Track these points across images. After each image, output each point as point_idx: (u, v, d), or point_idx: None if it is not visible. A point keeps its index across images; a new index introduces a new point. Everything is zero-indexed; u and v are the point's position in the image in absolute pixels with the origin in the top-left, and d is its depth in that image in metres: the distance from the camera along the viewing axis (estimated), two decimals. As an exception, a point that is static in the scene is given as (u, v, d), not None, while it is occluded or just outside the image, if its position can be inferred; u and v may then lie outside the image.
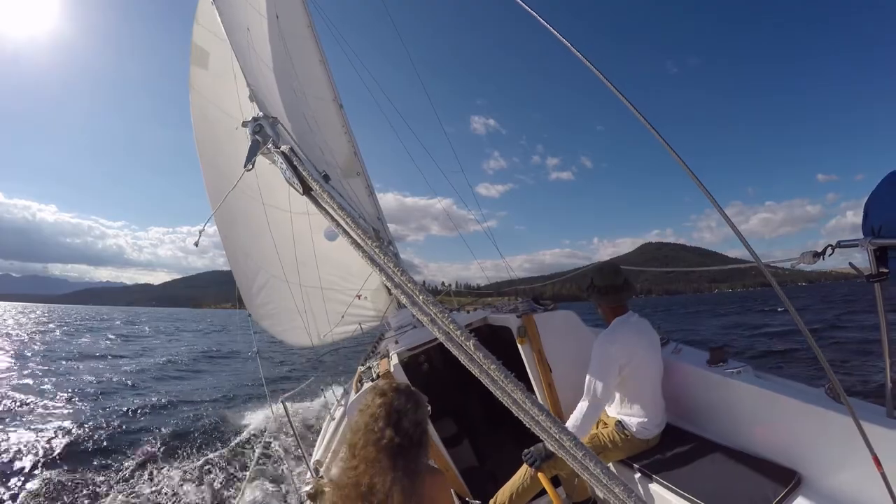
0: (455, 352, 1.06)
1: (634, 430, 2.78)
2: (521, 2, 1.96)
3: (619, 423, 2.82)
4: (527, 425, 1.02)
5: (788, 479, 2.26)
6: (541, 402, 3.38)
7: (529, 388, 3.53)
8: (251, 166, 1.29)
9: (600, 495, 0.91)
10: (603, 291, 2.88)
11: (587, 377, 2.73)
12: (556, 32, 1.82)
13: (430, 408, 1.72)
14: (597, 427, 2.93)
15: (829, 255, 1.99)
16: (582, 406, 2.70)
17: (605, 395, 2.73)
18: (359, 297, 6.72)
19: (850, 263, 1.95)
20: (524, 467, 2.77)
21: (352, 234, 1.12)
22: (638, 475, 2.69)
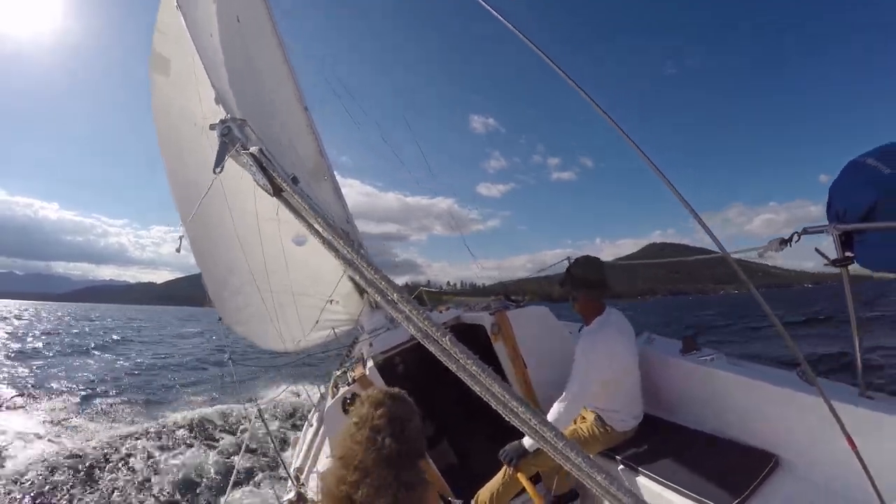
0: (432, 348, 1.07)
1: (614, 423, 2.82)
2: (506, 22, 1.97)
3: (599, 418, 2.86)
4: (506, 419, 1.03)
5: (766, 461, 2.32)
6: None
7: None
8: (220, 169, 1.26)
9: (586, 485, 0.92)
10: (590, 285, 2.87)
11: (570, 378, 2.73)
12: (538, 50, 1.84)
13: None
14: (576, 422, 2.96)
15: (796, 241, 2.07)
16: (559, 406, 2.70)
17: (584, 398, 2.76)
18: (331, 301, 6.67)
19: (817, 249, 2.02)
20: (502, 469, 2.79)
21: (324, 234, 1.12)
22: (620, 467, 2.72)
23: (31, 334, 34.23)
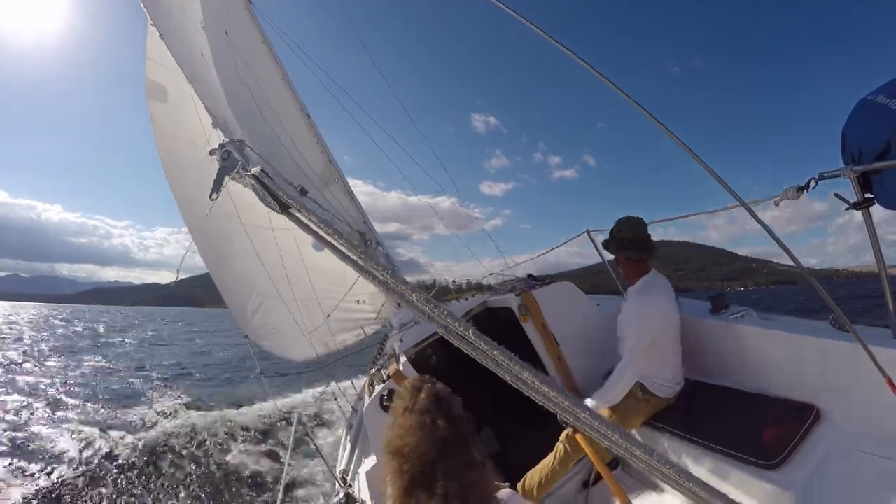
0: (457, 343, 1.07)
1: (656, 390, 2.78)
2: (525, 20, 1.93)
3: (642, 386, 2.82)
4: (540, 403, 1.03)
5: (808, 414, 2.28)
6: (553, 375, 3.36)
7: (539, 364, 3.55)
8: (216, 195, 1.26)
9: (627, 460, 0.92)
10: (630, 245, 2.83)
11: (626, 338, 2.73)
12: (559, 44, 1.81)
13: None
14: None
15: (814, 187, 2.01)
16: (622, 370, 2.69)
17: (641, 355, 2.72)
18: (358, 302, 6.70)
19: (836, 194, 1.97)
20: (552, 454, 2.81)
21: (335, 244, 1.12)
22: (663, 434, 2.71)
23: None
